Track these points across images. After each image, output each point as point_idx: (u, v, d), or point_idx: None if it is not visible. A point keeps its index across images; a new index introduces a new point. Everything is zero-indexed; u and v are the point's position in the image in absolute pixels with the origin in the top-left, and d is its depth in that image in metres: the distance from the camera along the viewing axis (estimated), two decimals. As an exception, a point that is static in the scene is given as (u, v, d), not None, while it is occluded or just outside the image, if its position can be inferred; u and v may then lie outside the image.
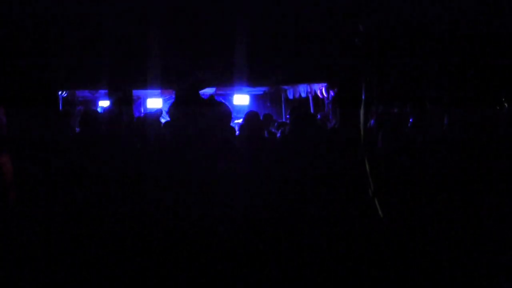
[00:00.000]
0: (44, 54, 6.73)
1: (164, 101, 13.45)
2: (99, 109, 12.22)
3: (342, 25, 8.04)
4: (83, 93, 12.21)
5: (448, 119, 5.88)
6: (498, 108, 6.94)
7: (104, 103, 12.80)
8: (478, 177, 4.80)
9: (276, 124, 10.93)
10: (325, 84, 11.53)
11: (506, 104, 7.57)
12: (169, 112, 5.31)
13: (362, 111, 4.80)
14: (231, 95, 14.36)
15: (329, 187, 4.91)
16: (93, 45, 7.86)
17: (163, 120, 8.60)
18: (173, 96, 13.00)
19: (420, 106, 7.17)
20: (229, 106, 5.93)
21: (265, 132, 9.31)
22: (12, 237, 4.32)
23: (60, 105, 10.32)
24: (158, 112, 8.27)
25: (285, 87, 13.76)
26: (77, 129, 6.44)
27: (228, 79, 11.41)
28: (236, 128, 9.28)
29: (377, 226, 4.65)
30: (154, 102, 13.35)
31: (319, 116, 9.87)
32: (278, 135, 8.64)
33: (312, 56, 10.01)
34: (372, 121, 7.24)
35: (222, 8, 9.37)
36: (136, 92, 12.19)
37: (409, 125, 6.54)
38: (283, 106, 14.70)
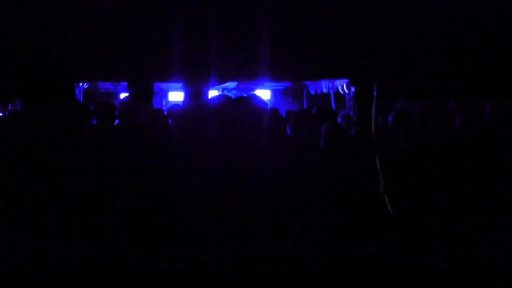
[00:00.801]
0: (65, 45, 6.82)
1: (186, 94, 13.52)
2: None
3: (363, 21, 8.03)
4: (105, 85, 12.32)
5: (462, 116, 5.88)
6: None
7: (125, 96, 12.93)
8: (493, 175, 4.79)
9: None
10: (347, 80, 11.52)
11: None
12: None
13: (374, 107, 4.81)
14: (253, 90, 14.42)
15: (341, 184, 4.91)
16: (114, 36, 7.94)
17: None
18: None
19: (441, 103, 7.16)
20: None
21: (287, 128, 9.32)
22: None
23: (81, 97, 10.46)
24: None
25: (307, 82, 13.78)
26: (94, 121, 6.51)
27: (250, 74, 11.45)
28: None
29: (387, 223, 4.65)
30: (176, 95, 13.44)
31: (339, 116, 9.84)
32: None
33: (334, 51, 10.01)
34: (389, 117, 7.23)
35: (246, 1, 9.41)
36: (158, 85, 12.29)
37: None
38: (304, 101, 14.71)
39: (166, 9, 8.65)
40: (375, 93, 4.64)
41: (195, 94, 5.35)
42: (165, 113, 8.08)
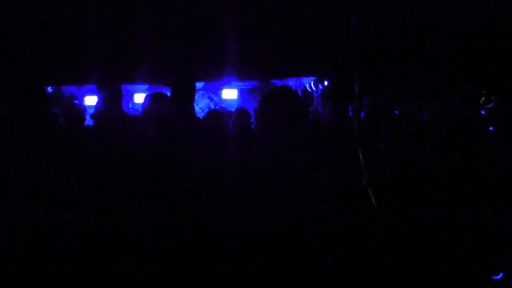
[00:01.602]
0: (31, 50, 6.65)
1: (152, 96, 13.36)
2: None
3: (332, 18, 8.01)
4: (69, 89, 12.13)
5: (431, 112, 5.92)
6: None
7: (90, 99, 12.69)
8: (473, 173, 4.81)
9: None
10: (314, 78, 11.53)
11: (493, 99, 7.61)
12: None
13: (355, 104, 4.79)
14: (220, 89, 14.34)
15: (322, 181, 4.87)
16: (80, 38, 7.78)
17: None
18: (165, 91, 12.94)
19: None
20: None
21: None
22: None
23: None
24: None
25: (274, 81, 13.75)
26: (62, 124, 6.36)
27: (217, 74, 11.36)
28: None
29: (372, 217, 4.63)
30: (142, 98, 13.26)
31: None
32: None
33: (301, 49, 9.99)
34: (362, 114, 7.23)
35: (212, 1, 9.33)
36: (124, 88, 12.11)
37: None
38: (272, 100, 14.66)
39: (132, 11, 8.52)
40: (355, 90, 4.61)
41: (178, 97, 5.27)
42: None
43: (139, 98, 13.17)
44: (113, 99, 6.68)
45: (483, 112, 7.04)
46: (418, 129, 5.98)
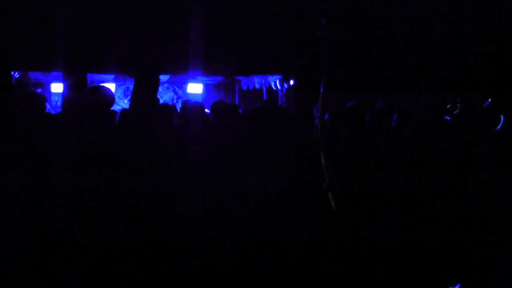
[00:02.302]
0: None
1: (118, 87, 13.32)
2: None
3: (300, 17, 8.11)
4: (35, 75, 11.99)
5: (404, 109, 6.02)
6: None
7: (56, 86, 12.57)
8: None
9: None
10: (280, 76, 11.63)
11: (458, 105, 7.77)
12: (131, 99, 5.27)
13: (320, 104, 4.87)
14: (186, 83, 14.33)
15: (284, 181, 4.93)
16: (48, 25, 7.75)
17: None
18: (127, 82, 12.90)
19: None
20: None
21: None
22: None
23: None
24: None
25: (240, 77, 13.81)
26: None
27: (182, 67, 11.39)
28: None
29: (331, 220, 4.72)
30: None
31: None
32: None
33: (267, 48, 10.09)
34: (326, 115, 7.32)
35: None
36: (90, 77, 12.04)
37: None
38: (236, 96, 14.75)
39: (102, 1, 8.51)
40: (321, 89, 4.69)
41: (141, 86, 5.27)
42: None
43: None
44: (79, 87, 6.68)
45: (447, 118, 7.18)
46: (384, 131, 6.08)
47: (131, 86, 12.28)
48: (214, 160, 5.10)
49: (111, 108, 5.26)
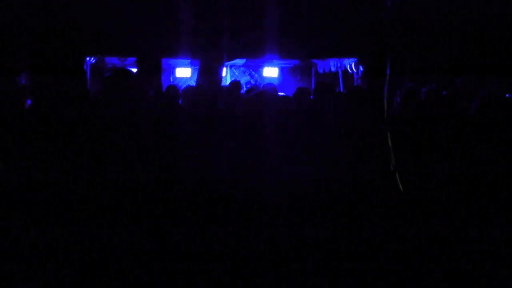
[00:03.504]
0: (73, 19, 6.79)
1: (194, 71, 13.48)
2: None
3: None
4: (111, 60, 12.25)
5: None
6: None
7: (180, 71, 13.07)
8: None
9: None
10: (355, 59, 11.47)
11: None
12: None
13: (386, 86, 4.79)
14: (262, 67, 14.36)
15: (351, 160, 4.91)
16: (123, 11, 7.90)
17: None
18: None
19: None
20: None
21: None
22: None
23: (88, 72, 10.41)
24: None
25: (315, 61, 13.71)
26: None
27: (259, 51, 11.41)
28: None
29: (398, 200, 4.67)
30: (184, 72, 13.36)
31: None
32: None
33: (342, 30, 9.96)
34: (398, 98, 7.20)
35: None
36: (166, 61, 12.23)
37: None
38: (312, 79, 14.65)
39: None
40: (387, 71, 4.61)
41: (207, 71, 5.35)
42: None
43: (181, 72, 13.29)
44: (153, 71, 6.82)
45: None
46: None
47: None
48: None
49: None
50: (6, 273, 4.03)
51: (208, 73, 5.13)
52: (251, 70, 15.15)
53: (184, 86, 8.10)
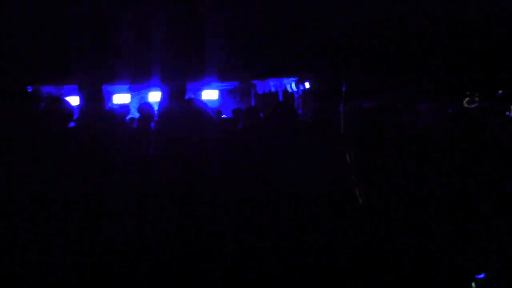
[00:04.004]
0: (18, 48, 6.59)
1: (133, 97, 13.27)
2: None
3: (314, 20, 8.03)
4: (47, 89, 11.94)
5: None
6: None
7: (71, 99, 12.52)
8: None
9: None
10: (295, 78, 11.56)
11: (477, 99, 7.72)
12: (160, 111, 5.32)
13: (342, 105, 4.82)
14: (201, 90, 14.29)
15: (309, 181, 4.90)
16: (65, 39, 7.72)
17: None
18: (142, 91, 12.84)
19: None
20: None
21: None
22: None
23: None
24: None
25: (255, 81, 13.75)
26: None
27: (198, 74, 11.34)
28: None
29: (361, 216, 4.68)
30: (122, 98, 13.13)
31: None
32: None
33: (282, 51, 10.01)
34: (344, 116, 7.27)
35: (195, 2, 9.30)
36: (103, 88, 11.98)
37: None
38: (252, 100, 14.68)
39: (116, 12, 8.45)
40: (343, 91, 4.64)
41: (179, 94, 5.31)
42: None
43: (119, 98, 13.06)
44: (96, 98, 6.65)
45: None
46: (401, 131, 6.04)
47: (146, 96, 12.25)
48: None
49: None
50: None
51: (179, 97, 5.08)
52: (190, 93, 15.07)
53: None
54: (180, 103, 5.06)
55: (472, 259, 4.50)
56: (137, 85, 12.38)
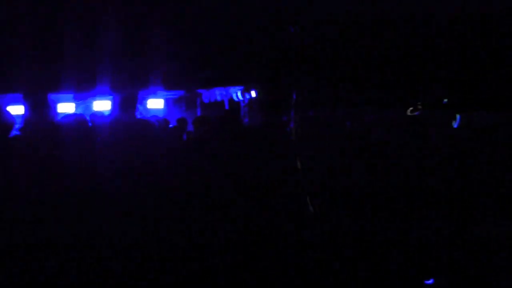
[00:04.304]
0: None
1: (77, 106, 13.10)
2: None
3: (260, 29, 8.13)
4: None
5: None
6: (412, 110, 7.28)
7: (14, 108, 12.27)
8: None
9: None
10: (241, 87, 11.65)
11: (420, 107, 7.94)
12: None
13: (291, 113, 4.93)
14: (146, 99, 14.22)
15: (257, 187, 4.96)
16: (7, 46, 7.61)
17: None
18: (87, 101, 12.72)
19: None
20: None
21: (184, 135, 9.32)
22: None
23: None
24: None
25: (201, 90, 13.77)
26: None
27: (143, 83, 11.30)
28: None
29: (309, 222, 4.76)
30: (66, 107, 12.94)
31: None
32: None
33: (228, 60, 10.08)
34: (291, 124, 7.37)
35: (137, 10, 9.28)
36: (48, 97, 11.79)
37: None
38: (198, 110, 14.69)
39: (59, 22, 8.38)
40: (293, 100, 4.75)
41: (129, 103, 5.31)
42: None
43: (63, 107, 12.86)
44: (41, 108, 6.58)
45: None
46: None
47: (91, 105, 12.13)
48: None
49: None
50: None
51: (129, 106, 5.08)
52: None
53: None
54: (130, 114, 5.06)
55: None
56: (82, 94, 12.26)
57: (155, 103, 14.02)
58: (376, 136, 6.27)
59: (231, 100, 12.61)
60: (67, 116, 7.96)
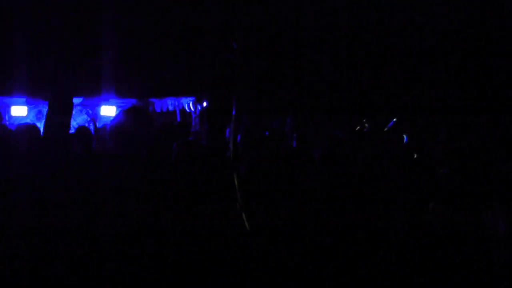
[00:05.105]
0: None
1: (30, 110, 13.13)
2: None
3: (213, 40, 8.37)
4: None
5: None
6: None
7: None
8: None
9: None
10: (193, 98, 11.87)
11: (366, 125, 8.24)
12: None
13: (232, 125, 5.09)
14: (98, 106, 14.29)
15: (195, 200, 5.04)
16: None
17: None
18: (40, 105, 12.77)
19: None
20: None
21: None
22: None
23: None
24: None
25: (153, 100, 13.92)
26: None
27: (95, 90, 11.42)
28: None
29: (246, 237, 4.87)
30: (19, 110, 12.94)
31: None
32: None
33: (180, 70, 10.30)
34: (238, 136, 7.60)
35: (91, 16, 9.42)
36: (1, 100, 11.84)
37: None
38: (150, 118, 14.80)
39: (12, 25, 8.48)
40: (233, 111, 4.92)
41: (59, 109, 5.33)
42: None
43: (16, 111, 12.85)
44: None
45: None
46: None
47: (44, 109, 12.21)
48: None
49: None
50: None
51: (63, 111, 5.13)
52: (88, 109, 15.03)
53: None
54: (65, 119, 4.99)
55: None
56: (34, 98, 12.31)
57: (108, 110, 14.11)
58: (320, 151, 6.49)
59: (182, 110, 12.83)
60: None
